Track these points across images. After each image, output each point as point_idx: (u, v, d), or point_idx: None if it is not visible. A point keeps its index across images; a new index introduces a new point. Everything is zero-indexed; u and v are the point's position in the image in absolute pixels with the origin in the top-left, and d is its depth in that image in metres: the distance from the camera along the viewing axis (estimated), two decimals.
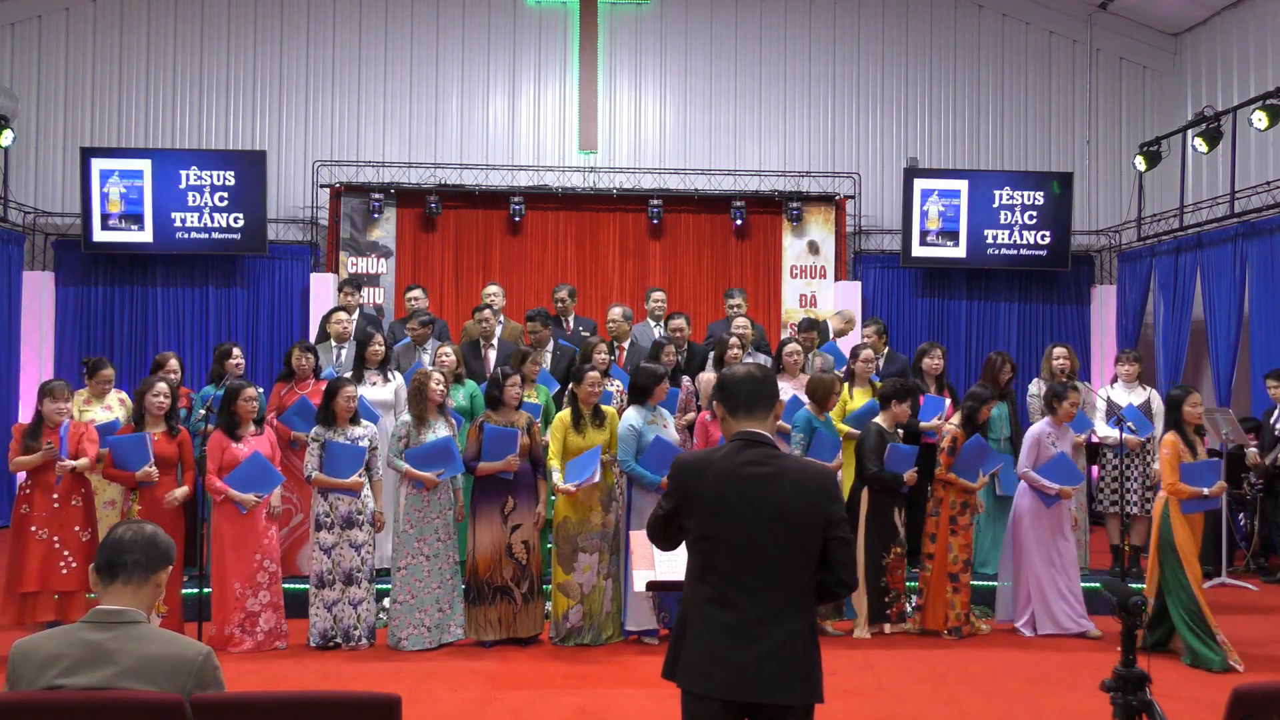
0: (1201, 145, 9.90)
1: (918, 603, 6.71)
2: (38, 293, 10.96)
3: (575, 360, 7.67)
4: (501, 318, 8.70)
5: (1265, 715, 2.86)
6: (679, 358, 7.85)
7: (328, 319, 8.38)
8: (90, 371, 7.08)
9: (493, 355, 8.24)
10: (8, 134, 10.05)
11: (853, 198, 11.80)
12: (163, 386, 6.31)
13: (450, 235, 11.53)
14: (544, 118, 11.82)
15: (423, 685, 5.51)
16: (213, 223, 10.86)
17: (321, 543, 6.20)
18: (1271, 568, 8.67)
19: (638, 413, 6.29)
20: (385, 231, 11.39)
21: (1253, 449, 8.38)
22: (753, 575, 2.79)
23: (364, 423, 6.45)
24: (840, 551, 2.84)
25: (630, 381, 6.54)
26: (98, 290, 11.16)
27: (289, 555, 7.06)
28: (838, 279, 11.68)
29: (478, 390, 7.38)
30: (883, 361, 8.21)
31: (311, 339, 9.05)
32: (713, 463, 2.87)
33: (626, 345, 8.28)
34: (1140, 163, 10.87)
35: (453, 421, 6.52)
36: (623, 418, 6.33)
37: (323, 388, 7.02)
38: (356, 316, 8.98)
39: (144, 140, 11.37)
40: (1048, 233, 11.43)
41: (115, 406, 7.07)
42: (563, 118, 11.79)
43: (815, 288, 11.70)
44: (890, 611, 6.67)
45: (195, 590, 6.34)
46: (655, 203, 11.41)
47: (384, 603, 6.54)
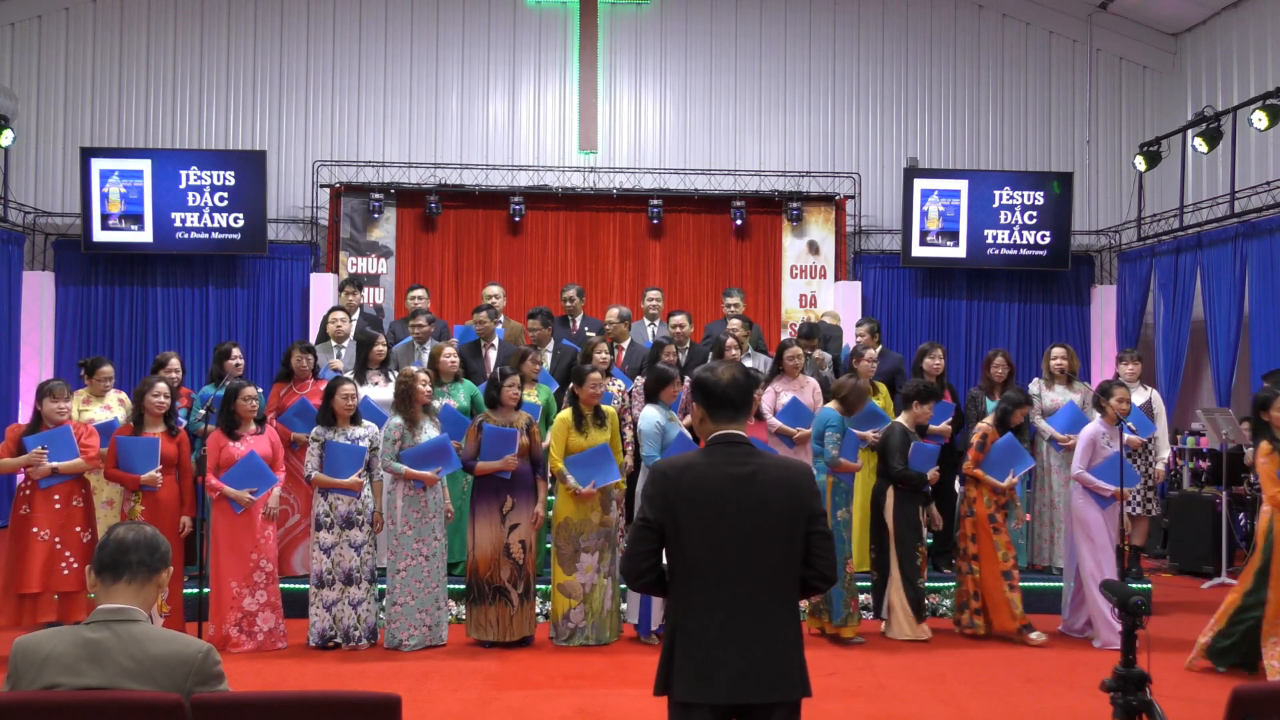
0: (1201, 145, 9.90)
1: (975, 606, 6.57)
2: (38, 293, 10.96)
3: (576, 360, 7.67)
4: (502, 317, 8.70)
5: (1265, 715, 2.86)
6: (679, 357, 7.85)
7: (326, 319, 8.38)
8: (89, 370, 7.06)
9: (493, 355, 8.24)
10: (8, 134, 10.05)
11: (853, 198, 11.80)
12: (162, 387, 6.31)
13: (450, 235, 11.53)
14: (544, 118, 11.82)
15: (423, 685, 5.51)
16: (213, 223, 10.86)
17: (321, 543, 6.20)
18: None
19: (658, 410, 6.31)
20: (385, 231, 11.39)
21: (1252, 449, 8.39)
22: (741, 575, 2.79)
23: (365, 423, 6.45)
24: (821, 546, 2.86)
25: (645, 382, 6.58)
26: (98, 290, 11.16)
27: (285, 555, 7.05)
28: (838, 279, 11.68)
29: (477, 390, 7.38)
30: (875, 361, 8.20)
31: (311, 339, 9.06)
32: (694, 466, 2.86)
33: (625, 345, 8.27)
34: (1140, 163, 10.88)
35: (439, 422, 6.53)
36: (643, 415, 6.35)
37: (322, 388, 7.02)
38: (357, 316, 8.99)
39: (144, 140, 11.38)
40: (1048, 233, 11.43)
41: (115, 406, 7.06)
42: (563, 118, 11.80)
43: (815, 288, 11.70)
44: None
45: (196, 590, 6.34)
46: (655, 203, 11.41)
47: (382, 603, 6.55)
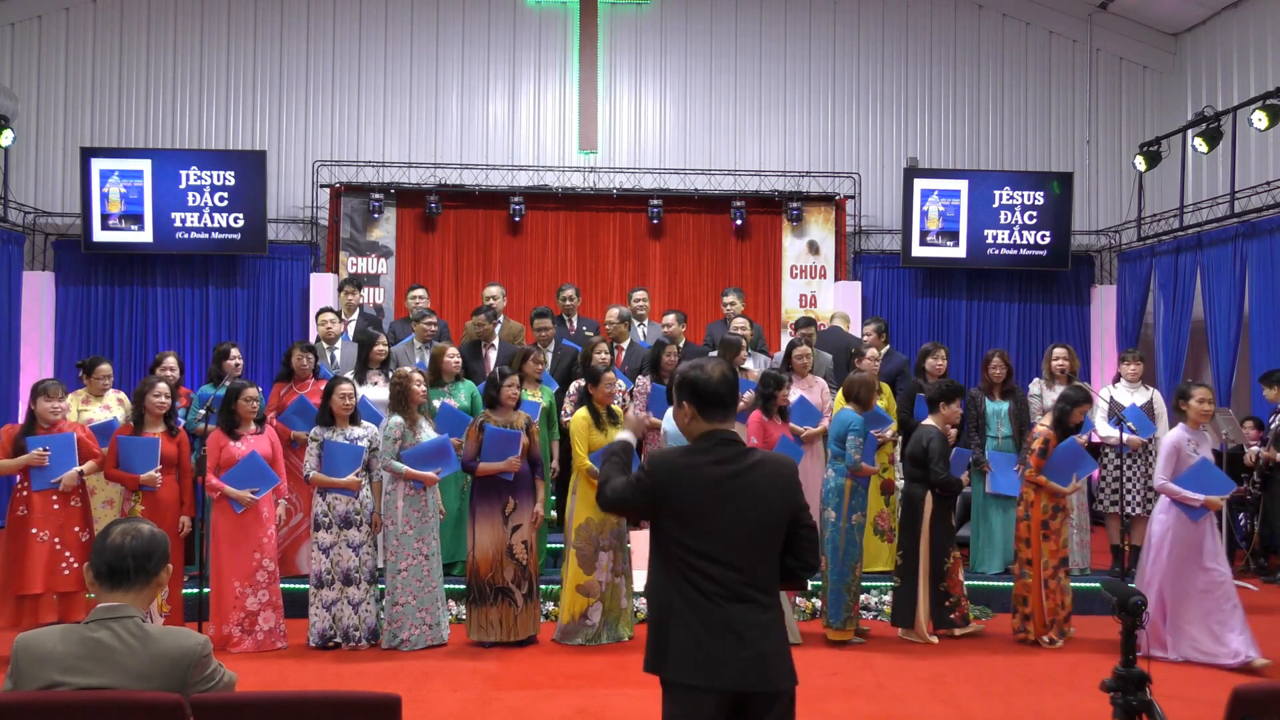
0: (1201, 145, 9.89)
1: (1025, 611, 6.45)
2: (38, 293, 10.96)
3: (576, 360, 7.67)
4: (501, 317, 8.70)
5: (1265, 715, 2.86)
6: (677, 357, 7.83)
7: (316, 319, 8.38)
8: (87, 370, 7.06)
9: (493, 355, 8.24)
10: (8, 134, 10.04)
11: (853, 198, 11.80)
12: (163, 386, 6.30)
13: (450, 235, 11.53)
14: (544, 118, 11.82)
15: (423, 685, 5.51)
16: (213, 223, 10.86)
17: (320, 543, 6.20)
18: (1271, 568, 8.67)
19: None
20: (385, 231, 11.39)
21: (1254, 448, 8.41)
22: (733, 568, 2.86)
23: (364, 423, 6.45)
24: (807, 536, 2.99)
25: (671, 385, 6.53)
26: (98, 290, 11.15)
27: (288, 555, 7.06)
28: (838, 279, 11.68)
29: (477, 391, 7.38)
30: (880, 360, 8.20)
31: (311, 339, 9.05)
32: (689, 463, 2.93)
33: (625, 345, 8.27)
34: (1140, 163, 10.87)
35: (434, 422, 6.54)
36: (666, 417, 6.34)
37: (322, 387, 7.03)
38: (357, 316, 8.99)
39: (144, 140, 11.37)
40: (1048, 233, 11.43)
41: (114, 406, 7.06)
42: (563, 118, 11.79)
43: (815, 288, 11.70)
44: (954, 615, 6.50)
45: (195, 590, 6.34)
46: (655, 203, 11.41)
47: (382, 603, 6.56)
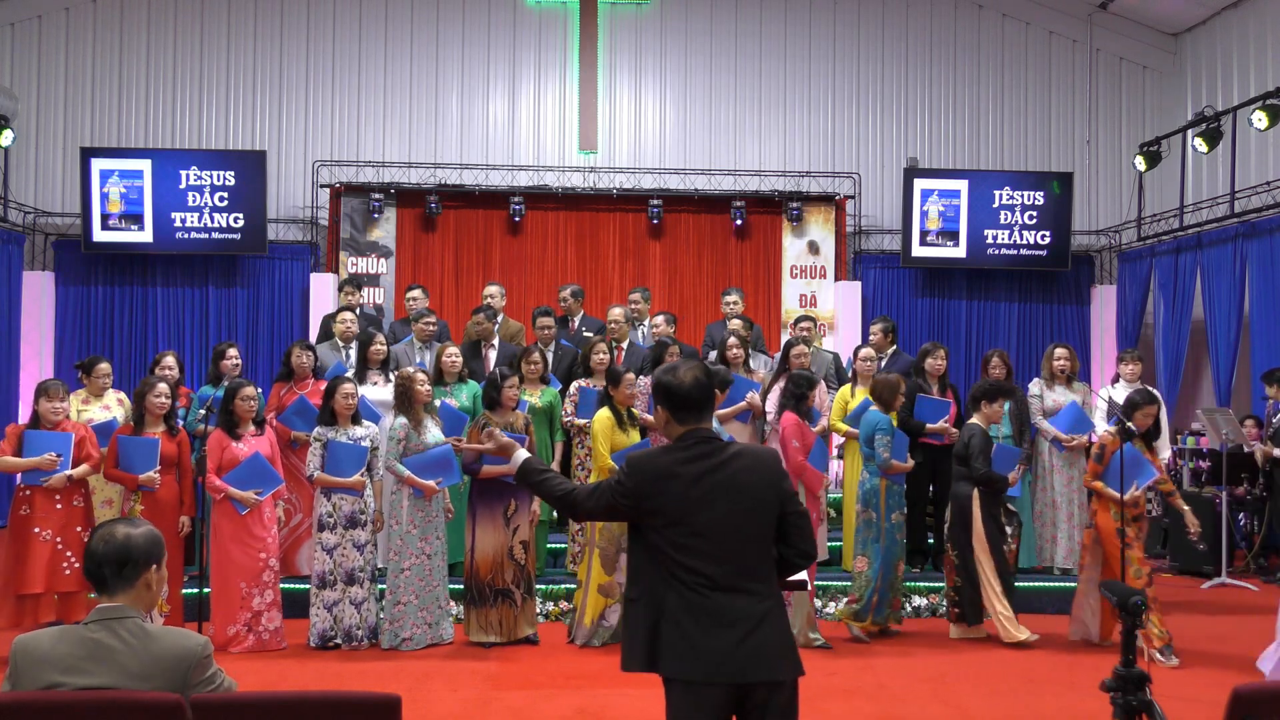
0: (1201, 145, 9.89)
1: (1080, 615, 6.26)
2: (38, 293, 10.96)
3: (576, 360, 7.66)
4: (500, 317, 8.69)
5: (1265, 715, 2.85)
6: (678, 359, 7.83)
7: (333, 319, 8.34)
8: (86, 370, 7.05)
9: (493, 355, 8.23)
10: (8, 134, 10.04)
11: (853, 198, 11.80)
12: (163, 387, 6.30)
13: (450, 235, 11.53)
14: (544, 118, 11.82)
15: (423, 685, 5.51)
16: (213, 223, 10.86)
17: (324, 543, 6.19)
18: (1271, 568, 8.68)
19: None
20: (385, 231, 11.39)
21: (1256, 445, 8.43)
22: (724, 563, 2.86)
23: (365, 423, 6.45)
24: (798, 524, 2.98)
25: None
26: (98, 290, 11.16)
27: (288, 555, 7.04)
28: (838, 279, 11.68)
29: (477, 390, 7.38)
30: (885, 360, 8.20)
31: (312, 339, 9.04)
32: (667, 462, 2.93)
33: (625, 346, 8.26)
34: (1140, 163, 10.87)
35: (440, 421, 6.54)
36: None
37: (322, 387, 7.01)
38: (357, 316, 8.97)
39: (144, 140, 11.37)
40: (1048, 233, 11.43)
41: (114, 406, 7.05)
42: (563, 118, 11.79)
43: (815, 288, 11.70)
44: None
45: (196, 590, 6.34)
46: (655, 203, 11.41)
47: (382, 603, 6.56)
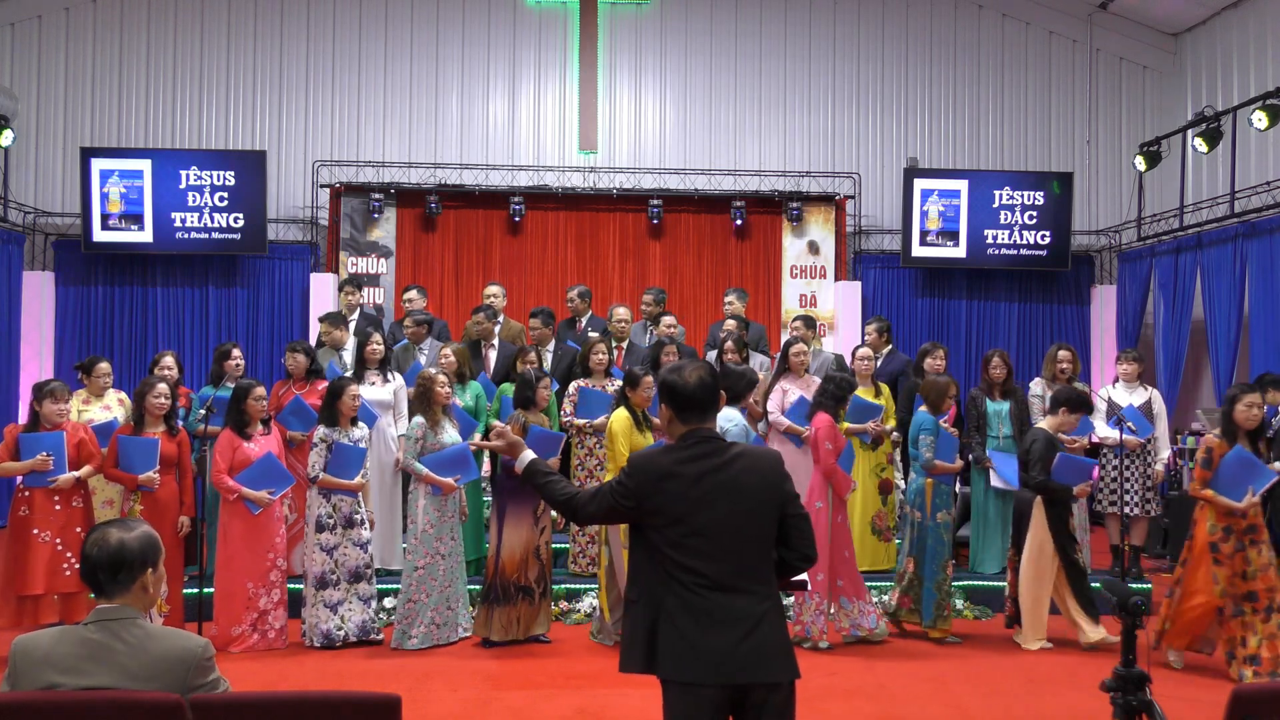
0: (1201, 145, 9.89)
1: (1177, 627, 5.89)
2: (38, 293, 10.95)
3: (575, 360, 7.66)
4: (501, 317, 8.69)
5: (1265, 715, 2.86)
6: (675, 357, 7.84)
7: (339, 321, 8.30)
8: (86, 370, 7.05)
9: (493, 355, 8.24)
10: (8, 134, 10.04)
11: (853, 198, 11.79)
12: (163, 387, 6.30)
13: (450, 235, 11.52)
14: (544, 118, 11.81)
15: (423, 685, 5.51)
16: (213, 223, 10.85)
17: (323, 544, 6.19)
18: None
19: (737, 412, 6.24)
20: (385, 231, 11.39)
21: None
22: (723, 563, 2.86)
23: (359, 424, 6.46)
24: (799, 527, 2.97)
25: (722, 384, 6.44)
26: (98, 290, 11.15)
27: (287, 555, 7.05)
28: (838, 279, 11.68)
29: (481, 390, 7.38)
30: (881, 360, 8.20)
31: (311, 340, 9.05)
32: (669, 461, 2.93)
33: (625, 345, 8.26)
34: (1140, 163, 10.86)
35: (456, 421, 6.54)
36: (725, 417, 6.18)
37: (319, 387, 7.03)
38: (357, 316, 8.99)
39: (144, 140, 11.37)
40: (1048, 233, 11.43)
41: (114, 406, 7.05)
42: (563, 118, 11.79)
43: (815, 288, 11.70)
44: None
45: (196, 590, 6.34)
46: (655, 203, 11.40)
47: (384, 602, 6.56)
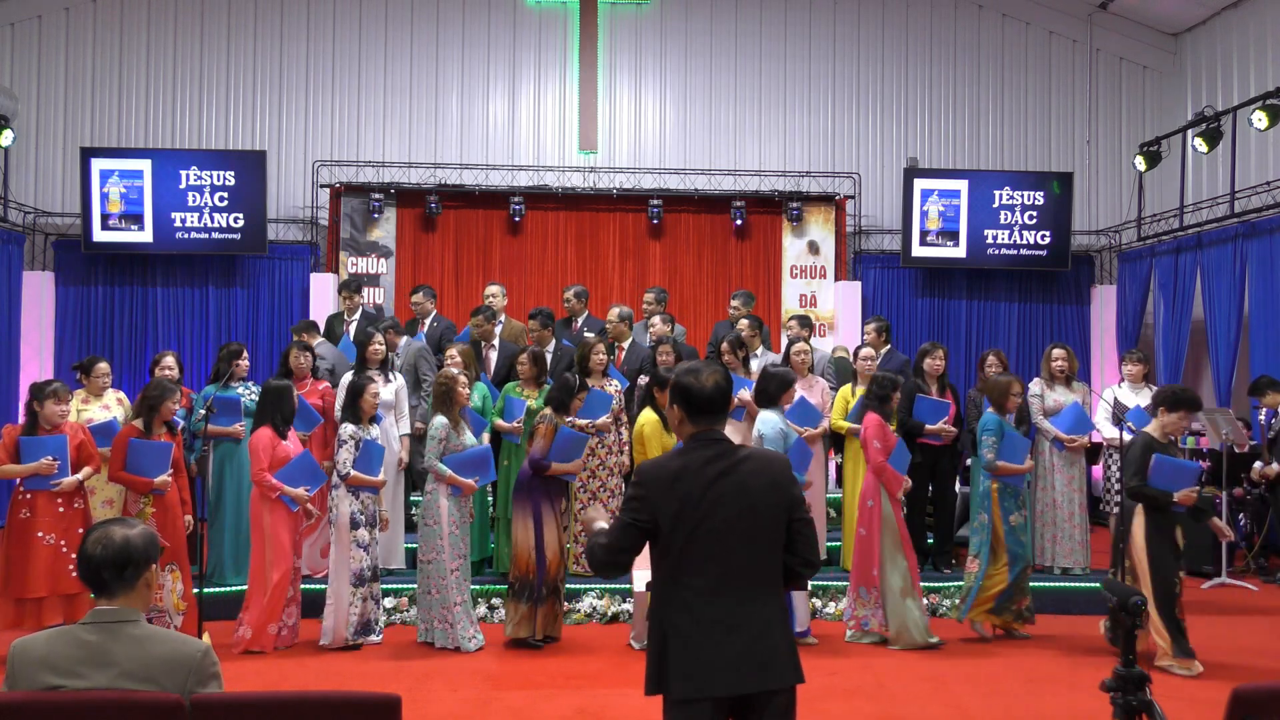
0: (1201, 145, 9.89)
1: None
2: (38, 293, 10.95)
3: (574, 360, 7.66)
4: (502, 317, 8.68)
5: (1265, 715, 2.85)
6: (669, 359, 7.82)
7: (339, 320, 8.32)
8: (85, 370, 7.05)
9: (494, 356, 8.24)
10: (8, 134, 10.04)
11: (853, 198, 11.79)
12: (177, 395, 6.34)
13: (450, 235, 11.52)
14: (544, 118, 11.81)
15: (423, 685, 5.51)
16: (213, 223, 10.85)
17: (360, 540, 6.21)
18: (1271, 568, 8.68)
19: (775, 415, 6.25)
20: (385, 231, 11.39)
21: (1257, 464, 8.41)
22: (731, 567, 2.85)
23: (375, 423, 6.51)
24: (804, 533, 2.95)
25: (758, 386, 6.41)
26: (98, 290, 11.15)
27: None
28: (838, 279, 11.68)
29: (486, 391, 7.39)
30: (879, 360, 8.20)
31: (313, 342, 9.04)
32: (678, 465, 2.92)
33: (625, 346, 8.26)
34: (1140, 163, 10.86)
35: (470, 423, 6.55)
36: (763, 420, 6.25)
37: (319, 387, 7.05)
38: (358, 317, 8.98)
39: (144, 140, 11.37)
40: (1048, 233, 11.42)
41: (113, 405, 7.05)
42: (563, 118, 11.79)
43: (815, 288, 11.70)
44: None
45: (204, 590, 6.32)
46: (655, 203, 11.40)
47: (384, 602, 6.59)
